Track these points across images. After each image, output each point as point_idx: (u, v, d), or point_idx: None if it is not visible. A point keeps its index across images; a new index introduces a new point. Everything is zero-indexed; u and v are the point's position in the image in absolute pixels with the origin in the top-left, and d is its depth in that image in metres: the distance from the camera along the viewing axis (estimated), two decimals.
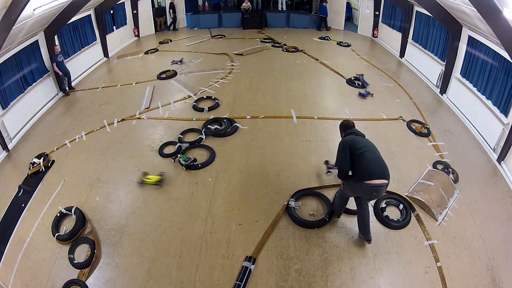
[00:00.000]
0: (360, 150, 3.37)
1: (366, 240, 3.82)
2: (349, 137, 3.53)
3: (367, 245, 3.81)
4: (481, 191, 4.70)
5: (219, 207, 4.41)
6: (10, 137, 6.06)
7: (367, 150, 3.39)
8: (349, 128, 3.70)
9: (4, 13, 4.90)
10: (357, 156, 3.35)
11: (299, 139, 5.79)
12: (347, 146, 3.40)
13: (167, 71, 8.88)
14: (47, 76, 7.57)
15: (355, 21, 13.92)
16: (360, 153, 3.36)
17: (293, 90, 7.72)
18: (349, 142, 3.42)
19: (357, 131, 3.68)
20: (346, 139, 3.50)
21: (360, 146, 3.40)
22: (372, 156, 3.39)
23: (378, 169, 3.35)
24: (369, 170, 3.33)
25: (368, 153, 3.38)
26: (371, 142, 3.60)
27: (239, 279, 3.45)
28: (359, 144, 3.42)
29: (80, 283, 3.48)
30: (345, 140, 3.52)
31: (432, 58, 8.20)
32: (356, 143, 3.43)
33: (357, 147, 3.39)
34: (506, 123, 5.29)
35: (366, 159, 3.35)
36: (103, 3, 9.79)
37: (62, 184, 4.93)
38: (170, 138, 5.88)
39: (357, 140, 3.47)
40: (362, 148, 3.38)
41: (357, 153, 3.35)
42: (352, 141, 3.45)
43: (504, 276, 3.52)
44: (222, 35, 12.68)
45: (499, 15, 4.54)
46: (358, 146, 3.40)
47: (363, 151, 3.37)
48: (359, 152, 3.36)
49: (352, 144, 3.41)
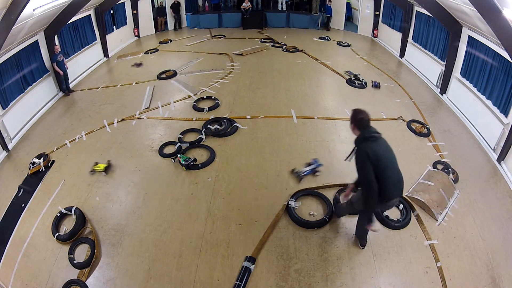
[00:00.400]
0: (381, 167, 2.91)
1: (360, 244, 3.76)
2: (368, 148, 2.91)
3: (367, 245, 3.80)
4: (481, 191, 4.70)
5: (219, 207, 4.40)
6: (10, 137, 6.06)
7: (388, 168, 2.96)
8: (365, 125, 3.00)
9: (4, 13, 4.90)
10: (378, 174, 2.91)
11: (299, 139, 5.79)
12: (369, 162, 2.88)
13: (167, 71, 8.88)
14: (47, 76, 7.56)
15: (355, 21, 13.92)
16: (382, 172, 2.92)
17: (293, 90, 7.72)
18: (370, 156, 2.88)
19: (374, 132, 3.01)
20: (366, 151, 2.90)
21: (381, 162, 2.91)
22: (393, 175, 3.01)
23: (398, 190, 3.11)
24: (390, 193, 3.03)
25: (389, 171, 2.97)
26: (389, 147, 3.08)
27: (239, 279, 3.45)
28: (380, 159, 2.91)
29: (80, 283, 3.48)
30: (364, 151, 2.92)
31: (432, 58, 8.21)
32: (377, 159, 2.89)
33: (378, 163, 2.90)
34: (506, 123, 5.29)
35: (388, 180, 2.97)
36: (103, 3, 9.78)
37: (62, 184, 4.93)
38: (170, 138, 5.88)
39: (377, 154, 2.90)
40: (383, 164, 2.92)
41: (378, 171, 2.91)
42: (373, 154, 2.88)
43: (504, 276, 3.52)
44: (222, 35, 12.68)
45: (499, 15, 4.54)
46: (379, 162, 2.90)
47: (384, 168, 2.93)
48: (381, 170, 2.91)
49: (373, 159, 2.88)
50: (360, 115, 3.01)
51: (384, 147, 3.02)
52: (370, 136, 2.96)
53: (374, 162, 2.87)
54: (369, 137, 2.96)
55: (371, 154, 2.87)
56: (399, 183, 3.11)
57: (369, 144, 2.94)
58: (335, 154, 5.41)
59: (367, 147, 2.91)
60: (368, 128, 3.00)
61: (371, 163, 2.86)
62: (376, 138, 2.98)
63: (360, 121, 3.02)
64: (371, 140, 2.96)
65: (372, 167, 2.87)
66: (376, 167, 2.88)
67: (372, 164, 2.87)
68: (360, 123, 3.02)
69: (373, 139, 2.96)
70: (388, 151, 3.04)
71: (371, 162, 2.87)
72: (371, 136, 2.96)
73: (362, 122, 3.01)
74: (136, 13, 12.28)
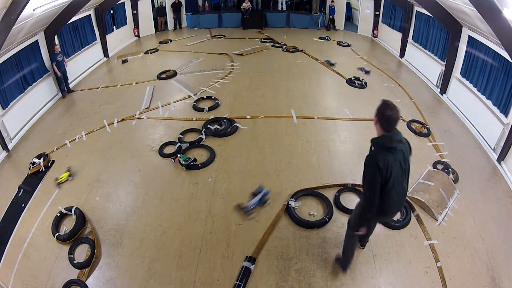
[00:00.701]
0: (388, 184, 2.56)
1: (342, 268, 3.47)
2: (382, 160, 2.47)
3: (367, 245, 3.80)
4: (481, 191, 4.70)
5: (219, 207, 4.40)
6: (10, 137, 6.06)
7: (395, 186, 2.60)
8: (392, 126, 2.48)
9: (4, 13, 4.90)
10: (383, 190, 2.59)
11: (299, 139, 5.79)
12: (378, 174, 2.49)
13: (167, 71, 8.88)
14: (47, 76, 7.56)
15: (355, 21, 13.92)
16: (387, 189, 2.59)
17: (293, 90, 7.72)
18: (382, 170, 2.48)
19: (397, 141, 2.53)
20: (378, 163, 2.47)
21: (391, 179, 2.54)
22: (398, 193, 2.68)
23: (398, 207, 2.84)
24: (389, 212, 2.82)
25: (394, 190, 2.61)
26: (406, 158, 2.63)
27: (239, 279, 3.45)
28: (391, 176, 2.52)
29: (80, 283, 3.48)
30: (375, 162, 2.49)
31: (432, 58, 8.20)
32: (388, 174, 2.51)
33: (387, 180, 2.53)
34: (506, 123, 5.29)
35: (391, 198, 2.66)
36: (103, 3, 9.79)
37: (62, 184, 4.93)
38: (170, 138, 5.88)
39: (391, 169, 2.50)
40: (391, 181, 2.55)
41: (384, 187, 2.58)
42: (385, 168, 2.48)
43: (504, 276, 3.52)
44: (222, 35, 12.68)
45: (499, 15, 4.54)
46: (389, 179, 2.53)
47: (391, 186, 2.58)
48: (387, 187, 2.57)
49: (384, 173, 2.49)
50: (389, 111, 2.42)
51: (401, 159, 2.58)
52: (390, 147, 2.51)
53: (384, 176, 2.51)
54: (390, 147, 2.51)
55: (383, 168, 2.47)
56: (401, 201, 2.82)
57: (385, 155, 2.49)
58: (335, 154, 5.41)
59: (382, 158, 2.48)
60: (392, 131, 2.51)
61: (381, 175, 2.50)
62: (396, 149, 2.53)
63: (387, 120, 2.45)
64: (391, 152, 2.52)
65: (380, 179, 2.52)
66: (383, 181, 2.54)
67: (381, 177, 2.51)
68: (386, 122, 2.46)
69: (393, 151, 2.52)
70: (403, 163, 2.60)
71: (381, 175, 2.50)
72: (391, 147, 2.51)
73: (389, 121, 2.46)
74: (136, 13, 12.28)
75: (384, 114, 2.45)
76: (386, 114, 2.44)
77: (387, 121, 2.46)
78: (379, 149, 2.55)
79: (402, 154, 2.58)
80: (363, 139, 5.75)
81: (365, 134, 5.89)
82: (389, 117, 2.43)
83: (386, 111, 2.44)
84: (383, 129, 2.50)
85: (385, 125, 2.48)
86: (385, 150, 2.51)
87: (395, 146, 2.52)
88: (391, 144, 2.50)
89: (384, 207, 2.69)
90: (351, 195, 4.54)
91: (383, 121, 2.47)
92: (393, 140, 2.51)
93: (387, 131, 2.49)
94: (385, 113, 2.44)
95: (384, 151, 2.51)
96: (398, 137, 2.53)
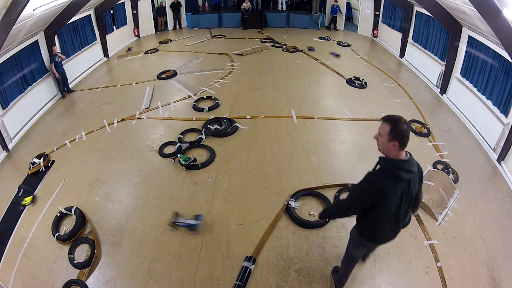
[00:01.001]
0: (379, 210, 2.32)
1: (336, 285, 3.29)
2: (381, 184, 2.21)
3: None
4: (481, 191, 4.70)
5: (219, 207, 4.40)
6: (10, 137, 6.06)
7: (389, 212, 2.34)
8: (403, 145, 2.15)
9: (4, 13, 4.89)
10: (374, 212, 2.34)
11: (299, 139, 5.79)
12: (369, 195, 2.25)
13: (167, 71, 8.88)
14: (47, 76, 7.55)
15: (355, 21, 13.93)
16: (379, 215, 2.36)
17: (293, 90, 7.72)
18: (375, 194, 2.23)
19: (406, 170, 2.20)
20: (373, 186, 2.23)
21: (385, 206, 2.28)
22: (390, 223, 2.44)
23: (388, 237, 2.60)
24: (379, 238, 2.62)
25: (386, 218, 2.39)
26: (409, 190, 2.29)
27: (239, 279, 3.45)
28: (386, 203, 2.26)
29: (80, 283, 3.48)
30: (371, 184, 2.26)
31: (432, 58, 8.20)
32: (383, 199, 2.24)
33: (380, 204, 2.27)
34: (506, 123, 5.29)
35: (383, 224, 2.44)
36: (103, 3, 9.78)
37: (62, 184, 4.92)
38: (170, 138, 5.88)
39: (388, 193, 2.22)
40: (386, 207, 2.29)
41: (375, 210, 2.32)
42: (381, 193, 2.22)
43: (504, 276, 3.52)
44: (222, 35, 12.67)
45: (499, 15, 4.54)
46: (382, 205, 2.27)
47: (383, 211, 2.32)
48: (379, 211, 2.32)
49: (377, 197, 2.24)
50: (402, 125, 2.10)
51: (404, 189, 2.25)
52: (396, 175, 2.19)
53: (376, 200, 2.25)
54: (395, 175, 2.19)
55: (377, 192, 2.21)
56: (393, 232, 2.54)
57: (386, 180, 2.21)
58: (335, 154, 5.41)
59: (381, 183, 2.21)
60: (408, 157, 2.22)
61: (371, 197, 2.25)
62: (401, 179, 2.21)
63: (401, 136, 2.10)
64: (395, 179, 2.20)
65: (367, 202, 2.28)
66: (375, 204, 2.27)
67: (371, 199, 2.26)
68: (397, 135, 2.10)
69: (398, 179, 2.20)
70: (405, 195, 2.27)
71: (372, 197, 2.25)
72: (397, 175, 2.19)
73: (403, 139, 2.12)
74: (136, 13, 12.28)
75: (398, 129, 2.10)
76: (401, 129, 2.10)
77: (402, 139, 2.11)
78: (382, 171, 2.25)
79: (408, 184, 2.25)
80: (363, 139, 5.75)
81: (365, 134, 5.89)
82: (403, 133, 2.11)
83: (400, 126, 2.10)
84: (399, 146, 2.13)
85: (401, 141, 2.12)
86: (389, 174, 2.21)
87: (401, 175, 2.19)
88: (397, 172, 2.19)
89: (375, 230, 2.52)
90: None
91: (398, 137, 2.11)
92: (403, 168, 2.19)
93: (402, 148, 2.16)
94: (399, 127, 2.10)
95: (387, 175, 2.21)
96: (408, 166, 2.21)
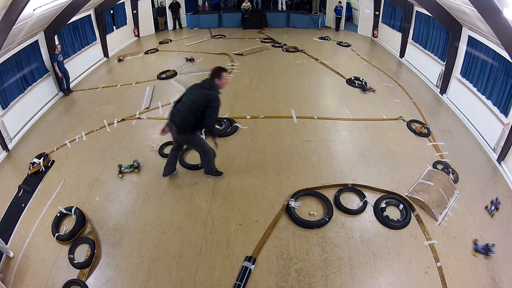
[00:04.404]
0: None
1: (215, 174, 4.85)
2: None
3: (367, 245, 3.80)
4: (481, 191, 4.70)
5: (219, 207, 4.40)
6: (10, 137, 6.06)
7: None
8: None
9: (4, 13, 4.89)
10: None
11: (299, 139, 5.79)
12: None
13: (167, 71, 8.88)
14: (47, 76, 7.56)
15: (355, 21, 13.93)
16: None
17: (293, 90, 7.72)
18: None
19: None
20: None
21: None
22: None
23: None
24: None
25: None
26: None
27: (239, 279, 3.45)
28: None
29: (80, 283, 3.48)
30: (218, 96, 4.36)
31: (432, 58, 8.21)
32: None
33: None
34: (506, 123, 5.29)
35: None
36: (103, 3, 9.79)
37: (62, 184, 4.92)
38: (170, 138, 5.84)
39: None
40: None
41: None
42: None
43: (504, 276, 3.53)
44: (222, 35, 12.68)
45: (499, 15, 4.54)
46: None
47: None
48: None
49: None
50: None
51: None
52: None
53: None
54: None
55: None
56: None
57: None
58: (335, 154, 5.41)
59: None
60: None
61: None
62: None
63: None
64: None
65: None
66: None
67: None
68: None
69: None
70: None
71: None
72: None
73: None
74: (136, 13, 12.28)
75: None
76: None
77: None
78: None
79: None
80: (363, 139, 5.75)
81: (365, 134, 5.89)
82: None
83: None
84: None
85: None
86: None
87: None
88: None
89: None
90: (351, 195, 4.54)
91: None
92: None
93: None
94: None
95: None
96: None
